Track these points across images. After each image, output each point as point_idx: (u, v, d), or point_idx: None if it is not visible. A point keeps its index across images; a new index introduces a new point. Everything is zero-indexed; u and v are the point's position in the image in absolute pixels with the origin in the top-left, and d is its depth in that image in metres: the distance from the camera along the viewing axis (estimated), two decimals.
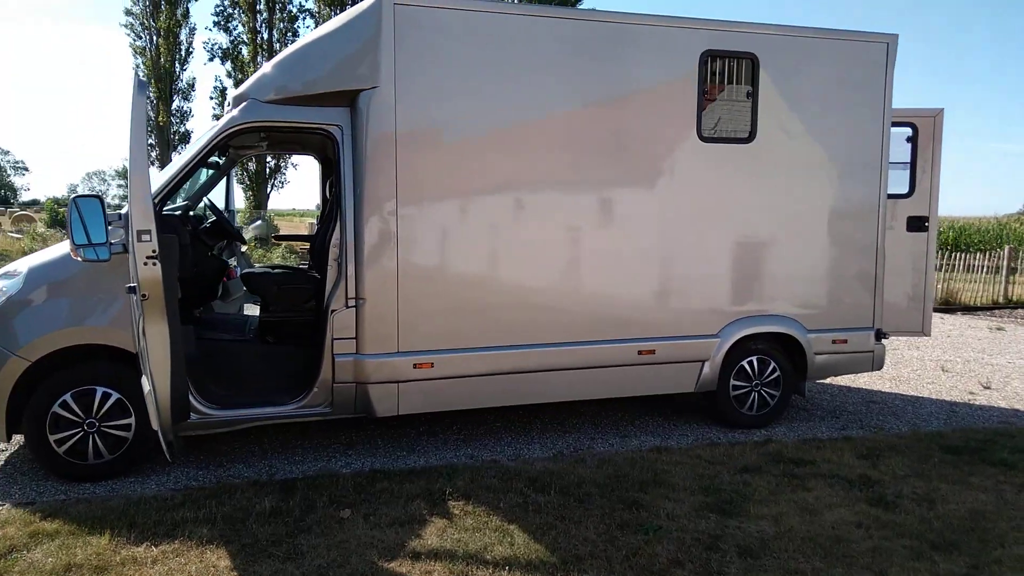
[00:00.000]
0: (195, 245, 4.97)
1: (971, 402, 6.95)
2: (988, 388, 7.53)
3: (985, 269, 15.10)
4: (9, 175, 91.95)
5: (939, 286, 14.66)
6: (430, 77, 4.86)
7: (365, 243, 4.82)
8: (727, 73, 5.55)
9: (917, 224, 6.66)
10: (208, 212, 5.51)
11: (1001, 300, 14.97)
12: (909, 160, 6.64)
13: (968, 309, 14.27)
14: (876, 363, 6.15)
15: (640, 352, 5.50)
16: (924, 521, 4.08)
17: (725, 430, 5.84)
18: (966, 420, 6.32)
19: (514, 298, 5.18)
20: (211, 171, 5.97)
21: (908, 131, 6.62)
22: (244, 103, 4.79)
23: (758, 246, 5.72)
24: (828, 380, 7.56)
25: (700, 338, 5.65)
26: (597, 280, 5.36)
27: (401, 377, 4.97)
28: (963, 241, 33.88)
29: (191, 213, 5.37)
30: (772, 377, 5.93)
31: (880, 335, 6.10)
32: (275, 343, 5.16)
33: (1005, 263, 15.20)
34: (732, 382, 5.84)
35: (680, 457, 5.10)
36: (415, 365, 4.99)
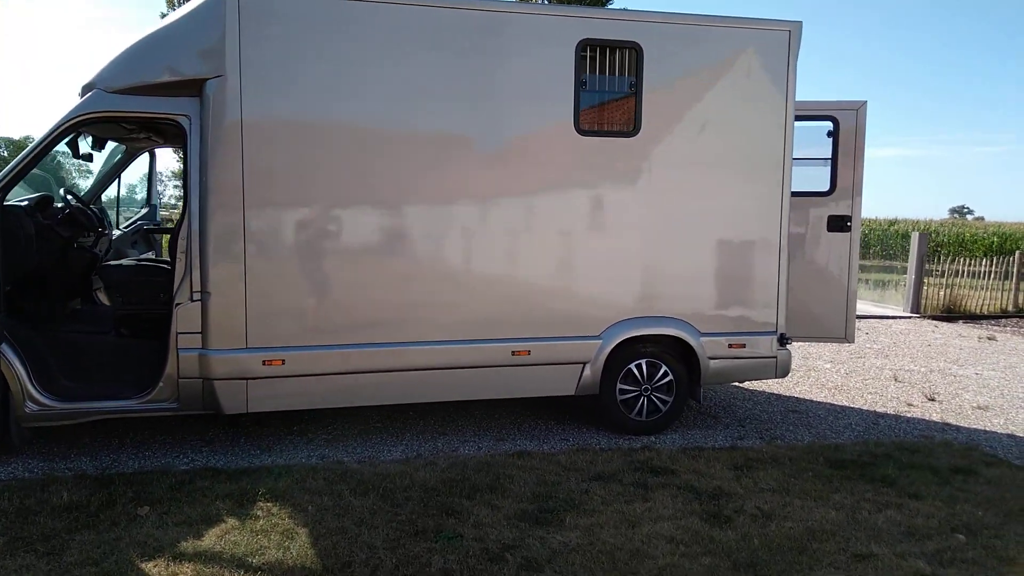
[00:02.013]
0: (47, 236, 4.94)
1: (903, 414, 6.53)
2: (932, 400, 7.07)
3: (992, 275, 14.30)
4: None
5: (941, 293, 13.99)
6: (278, 67, 4.74)
7: (210, 235, 4.72)
8: (608, 63, 5.31)
9: (839, 224, 6.28)
10: (68, 202, 5.46)
11: (1011, 308, 14.18)
12: (830, 156, 6.28)
13: (972, 317, 13.55)
14: (780, 369, 5.81)
15: (514, 353, 5.29)
16: (745, 539, 3.79)
17: (614, 436, 5.58)
18: (883, 433, 5.93)
19: (371, 294, 5.02)
20: (96, 164, 5.98)
21: (829, 125, 6.26)
22: (90, 92, 4.75)
23: (643, 245, 5.45)
24: (759, 387, 7.22)
25: (579, 339, 5.41)
26: (463, 277, 5.17)
27: (249, 374, 4.86)
28: (1008, 248, 32.58)
29: (58, 204, 5.35)
30: (664, 382, 5.64)
31: (784, 340, 5.76)
32: (129, 336, 5.11)
33: (1016, 269, 14.38)
34: (619, 386, 5.57)
35: (539, 462, 4.88)
36: (264, 362, 4.87)
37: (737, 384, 7.29)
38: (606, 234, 5.38)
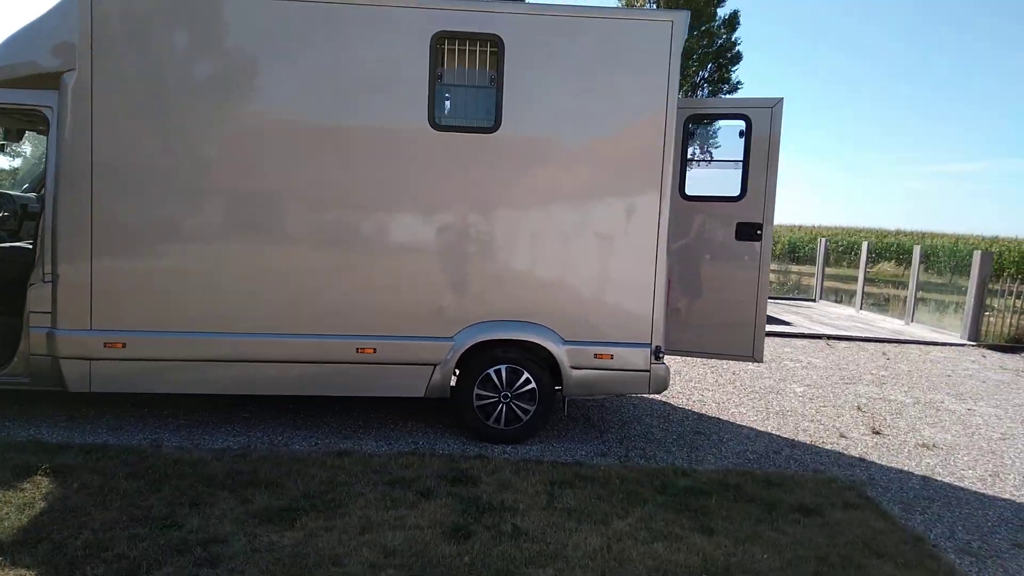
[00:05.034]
0: None
1: (822, 445, 5.89)
2: (876, 433, 6.34)
3: None
4: None
5: (1011, 319, 12.51)
6: (128, 60, 4.92)
7: (60, 221, 4.97)
8: (467, 56, 5.13)
9: (748, 232, 5.76)
10: None
11: None
12: (741, 158, 5.76)
13: None
14: (655, 385, 5.38)
15: (358, 350, 5.21)
16: (458, 555, 3.53)
17: (470, 442, 5.38)
18: (780, 463, 5.38)
19: (211, 284, 5.09)
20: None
21: (741, 124, 5.75)
22: None
23: (501, 244, 5.23)
24: (690, 405, 6.74)
25: (429, 340, 5.25)
26: (304, 270, 5.14)
27: (92, 355, 5.06)
28: None
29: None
30: (526, 389, 5.38)
31: (659, 353, 5.34)
32: (3, 314, 5.44)
33: None
34: (477, 391, 5.37)
35: (351, 462, 4.75)
36: (106, 344, 5.06)
37: (662, 399, 6.88)
38: (461, 232, 5.20)
